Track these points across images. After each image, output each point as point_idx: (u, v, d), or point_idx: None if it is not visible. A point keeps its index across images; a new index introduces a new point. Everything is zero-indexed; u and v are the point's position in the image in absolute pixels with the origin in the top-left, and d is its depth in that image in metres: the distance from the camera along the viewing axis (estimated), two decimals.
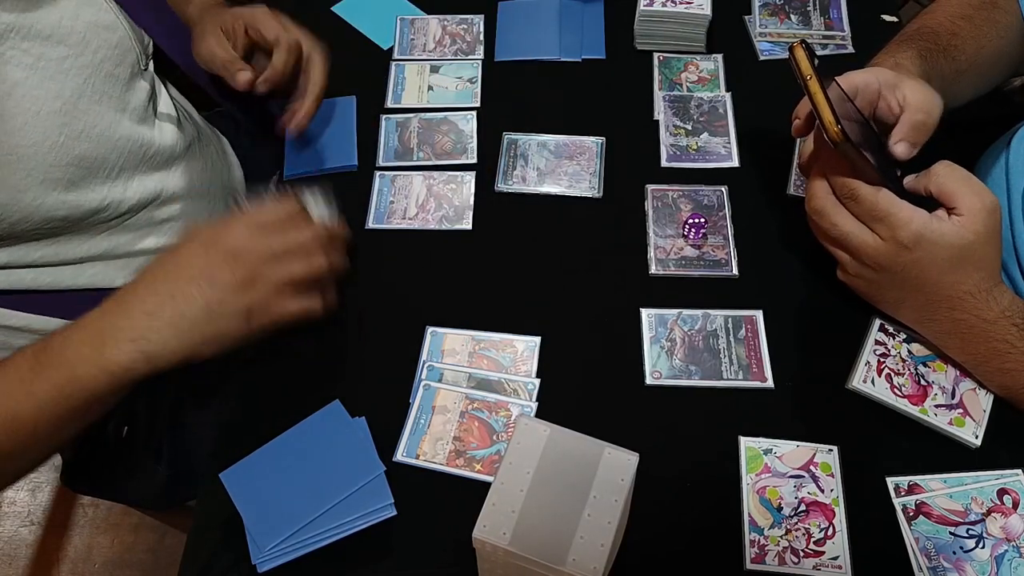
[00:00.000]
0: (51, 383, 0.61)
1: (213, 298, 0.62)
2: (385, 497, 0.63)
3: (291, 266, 0.65)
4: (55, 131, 0.71)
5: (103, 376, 0.61)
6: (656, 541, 0.65)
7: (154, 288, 0.63)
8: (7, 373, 0.61)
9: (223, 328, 0.64)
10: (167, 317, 0.62)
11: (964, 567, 0.62)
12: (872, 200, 0.64)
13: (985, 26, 0.82)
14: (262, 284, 0.64)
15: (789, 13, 0.99)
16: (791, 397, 0.72)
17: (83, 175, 0.74)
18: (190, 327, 0.62)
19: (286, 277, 0.65)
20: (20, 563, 1.49)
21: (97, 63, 0.76)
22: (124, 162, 0.78)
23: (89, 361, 0.61)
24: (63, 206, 0.72)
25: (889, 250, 0.65)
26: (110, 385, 0.62)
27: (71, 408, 0.61)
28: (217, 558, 0.65)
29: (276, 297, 0.65)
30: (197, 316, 0.62)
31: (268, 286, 0.65)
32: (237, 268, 0.63)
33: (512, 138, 0.90)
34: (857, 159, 0.63)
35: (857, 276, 0.70)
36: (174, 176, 0.85)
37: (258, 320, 0.65)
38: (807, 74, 0.63)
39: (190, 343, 0.63)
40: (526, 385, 0.72)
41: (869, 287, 0.70)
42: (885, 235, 0.65)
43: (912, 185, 0.68)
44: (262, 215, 0.67)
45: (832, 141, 0.62)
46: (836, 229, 0.67)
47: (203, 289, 0.62)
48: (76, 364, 0.61)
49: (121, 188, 0.78)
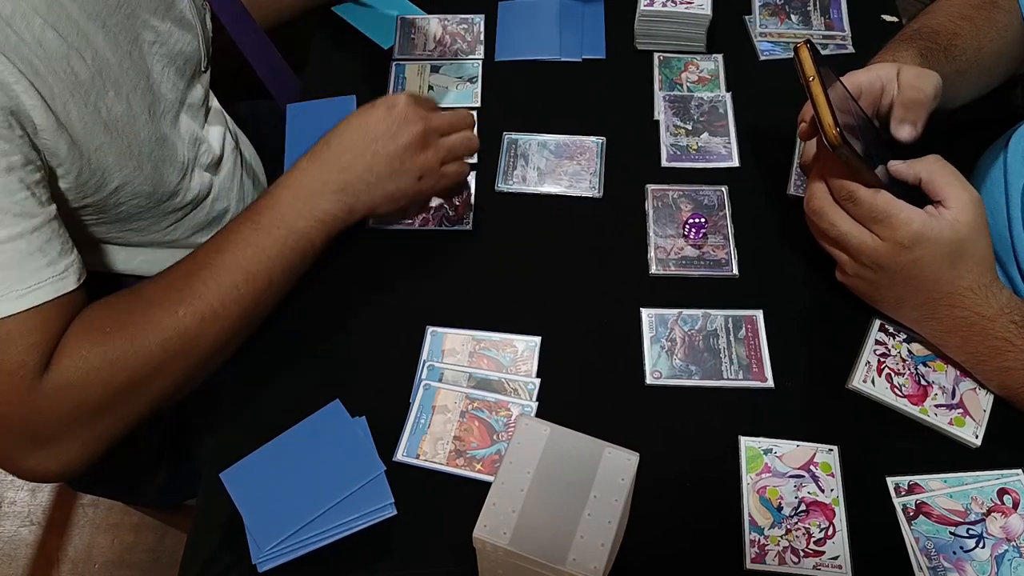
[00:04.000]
0: (274, 238, 0.70)
1: (395, 155, 0.74)
2: (385, 497, 0.63)
3: (455, 138, 0.78)
4: (145, 108, 0.74)
5: (318, 225, 0.72)
6: (656, 541, 0.65)
7: (345, 147, 0.74)
8: (232, 239, 0.70)
9: (400, 185, 0.75)
10: (359, 171, 0.73)
11: (964, 567, 0.62)
12: (870, 201, 0.65)
13: (985, 26, 0.82)
14: (432, 150, 0.76)
15: (789, 13, 0.99)
16: (791, 397, 0.72)
17: (163, 157, 0.76)
18: (376, 180, 0.74)
19: (452, 146, 0.78)
20: (20, 563, 1.49)
21: (174, 56, 0.79)
22: (188, 152, 0.81)
23: (303, 214, 0.72)
24: (149, 182, 0.75)
25: (888, 250, 0.65)
26: (322, 233, 0.73)
27: (296, 257, 0.72)
28: (217, 558, 0.65)
29: (440, 163, 0.77)
30: (382, 171, 0.74)
31: (436, 152, 0.77)
32: (414, 131, 0.75)
33: (512, 138, 0.90)
34: (855, 162, 0.63)
35: (856, 276, 0.70)
36: (222, 175, 0.87)
37: (427, 181, 0.77)
38: (810, 75, 0.63)
39: (375, 197, 0.75)
40: (526, 385, 0.72)
41: (868, 287, 0.70)
42: (884, 235, 0.65)
43: (900, 171, 0.68)
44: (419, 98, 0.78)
45: (830, 144, 0.62)
46: (835, 229, 0.68)
47: (387, 146, 0.74)
48: (293, 218, 0.71)
49: (188, 178, 0.80)
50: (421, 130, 0.75)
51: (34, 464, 0.64)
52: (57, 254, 0.62)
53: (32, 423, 0.62)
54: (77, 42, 0.66)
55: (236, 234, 0.70)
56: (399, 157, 0.74)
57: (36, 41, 0.62)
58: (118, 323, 0.65)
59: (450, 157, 0.78)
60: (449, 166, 0.78)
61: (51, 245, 0.62)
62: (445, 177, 0.79)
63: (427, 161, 0.76)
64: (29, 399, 0.61)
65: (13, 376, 0.60)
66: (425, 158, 0.76)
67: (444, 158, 0.78)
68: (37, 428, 0.63)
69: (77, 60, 0.65)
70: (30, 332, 0.60)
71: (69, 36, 0.65)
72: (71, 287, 0.63)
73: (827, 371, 0.73)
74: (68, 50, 0.65)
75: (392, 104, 0.75)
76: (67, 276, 0.63)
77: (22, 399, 0.61)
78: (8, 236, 0.59)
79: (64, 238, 0.64)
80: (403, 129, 0.74)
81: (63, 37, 0.64)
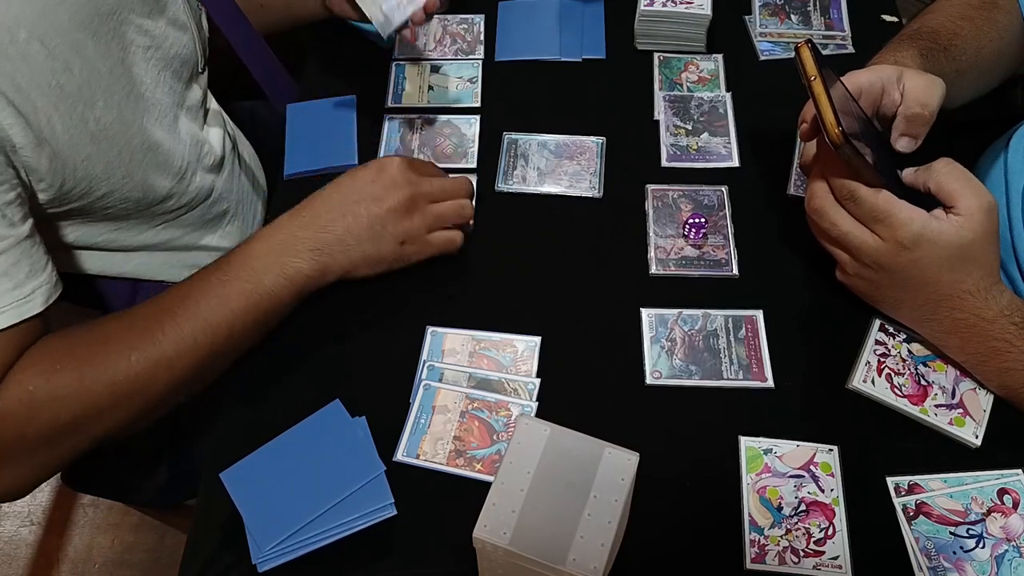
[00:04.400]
0: (239, 291, 0.69)
1: (377, 219, 0.72)
2: (385, 497, 0.63)
3: (445, 205, 0.76)
4: (139, 115, 0.74)
5: (286, 283, 0.70)
6: (656, 541, 0.65)
7: (329, 205, 0.73)
8: (198, 287, 0.69)
9: (381, 249, 0.74)
10: (338, 232, 0.72)
11: (964, 567, 0.62)
12: (872, 201, 0.65)
13: (985, 26, 0.82)
14: (418, 216, 0.74)
15: (789, 13, 0.99)
16: (791, 397, 0.72)
17: (154, 163, 0.76)
18: (355, 243, 0.72)
19: (440, 213, 0.76)
20: (20, 563, 1.49)
21: (169, 59, 0.79)
22: (187, 155, 0.80)
23: (273, 270, 0.70)
24: (140, 188, 0.74)
25: (889, 250, 0.65)
26: (290, 291, 0.71)
27: (259, 313, 0.70)
28: (217, 558, 0.65)
29: (427, 230, 0.75)
30: (361, 234, 0.72)
31: (423, 218, 0.75)
32: (400, 196, 0.73)
33: (512, 138, 0.90)
34: (857, 161, 0.63)
35: (856, 276, 0.70)
36: (222, 177, 0.87)
37: (409, 248, 0.75)
38: (812, 75, 0.63)
39: (353, 259, 0.73)
40: (526, 385, 0.72)
41: (868, 287, 0.70)
42: (885, 235, 0.65)
43: (911, 180, 0.68)
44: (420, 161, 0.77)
45: (833, 143, 0.62)
46: (836, 229, 0.67)
47: (370, 209, 0.72)
48: (262, 273, 0.70)
49: (184, 182, 0.80)
50: (408, 195, 0.73)
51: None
52: (25, 276, 0.61)
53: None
54: (65, 53, 0.65)
55: (203, 282, 0.69)
56: (381, 221, 0.73)
57: (19, 55, 0.61)
58: (71, 358, 0.64)
59: (438, 225, 0.76)
60: (437, 235, 0.76)
61: (18, 268, 0.61)
62: (430, 246, 0.76)
63: (411, 227, 0.74)
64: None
65: None
66: (410, 223, 0.74)
67: (431, 225, 0.75)
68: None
69: (63, 72, 0.65)
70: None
71: (57, 47, 0.64)
72: (36, 310, 0.62)
73: (827, 371, 0.73)
74: (54, 63, 0.64)
75: (382, 167, 0.74)
76: (33, 299, 0.62)
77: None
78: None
79: (35, 258, 0.63)
80: (389, 193, 0.73)
81: (49, 49, 0.63)
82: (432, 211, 0.75)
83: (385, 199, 0.73)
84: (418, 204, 0.74)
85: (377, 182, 0.73)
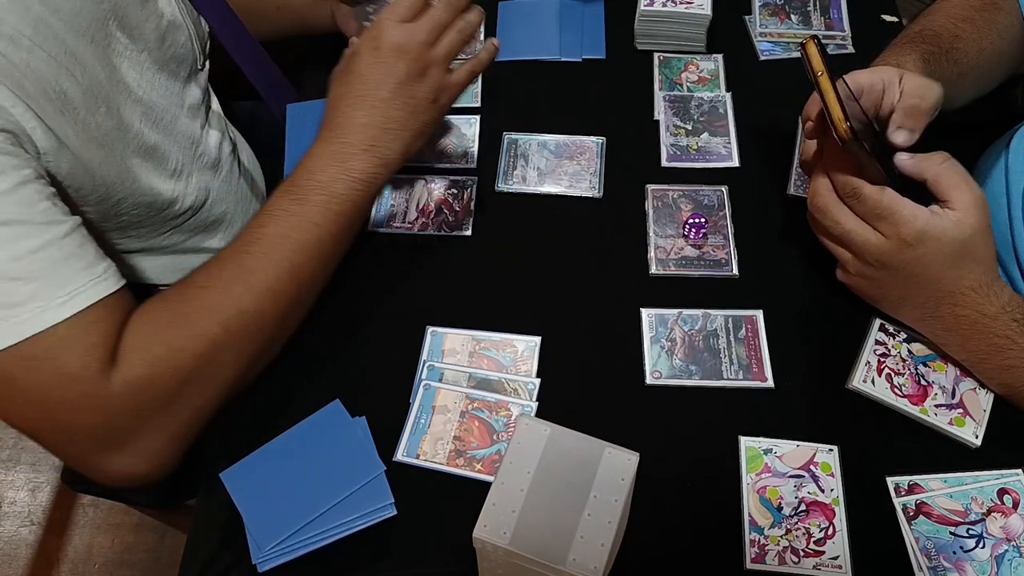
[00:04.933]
0: (317, 205, 0.69)
1: (400, 92, 0.71)
2: (385, 497, 0.63)
3: (448, 39, 0.73)
4: (137, 118, 0.74)
5: (357, 185, 0.70)
6: (656, 541, 0.65)
7: (354, 102, 0.71)
8: (274, 213, 0.69)
9: (421, 117, 0.73)
10: (379, 122, 0.71)
11: (964, 567, 0.62)
12: (876, 198, 0.65)
13: (986, 28, 0.82)
14: (434, 67, 0.73)
15: (789, 13, 0.99)
16: (791, 397, 0.72)
17: (156, 165, 0.76)
18: (399, 125, 0.71)
19: (449, 51, 0.73)
20: (20, 563, 1.49)
21: (166, 60, 0.79)
22: (184, 158, 0.80)
23: (339, 178, 0.70)
24: (150, 192, 0.74)
25: (892, 247, 0.65)
26: (363, 193, 0.71)
27: (341, 220, 0.70)
28: (217, 558, 0.65)
29: (445, 72, 0.74)
30: (398, 115, 0.71)
31: (439, 67, 0.73)
32: (409, 61, 0.71)
33: (512, 138, 0.90)
34: (863, 157, 0.63)
35: (858, 275, 0.70)
36: (219, 179, 0.87)
37: (443, 98, 0.74)
38: (819, 70, 0.63)
39: (403, 141, 0.72)
40: (526, 385, 0.72)
41: (871, 286, 0.70)
42: (888, 233, 0.65)
43: (909, 167, 0.68)
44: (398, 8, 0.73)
45: (840, 139, 0.62)
46: (838, 227, 0.68)
47: (391, 88, 0.71)
48: (330, 183, 0.70)
49: (183, 185, 0.80)
50: (414, 56, 0.71)
51: (121, 467, 0.64)
52: (93, 258, 0.62)
53: (109, 425, 0.62)
54: (66, 61, 0.65)
55: (277, 207, 0.69)
56: (408, 93, 0.72)
57: (25, 64, 0.61)
58: (176, 312, 0.65)
59: (452, 57, 0.74)
60: (458, 72, 0.75)
61: (85, 249, 0.61)
62: (459, 83, 0.75)
63: (433, 81, 0.73)
64: (101, 401, 0.61)
65: (79, 380, 0.60)
66: (431, 79, 0.73)
67: (446, 66, 0.74)
68: (115, 429, 0.62)
69: (68, 80, 0.65)
70: (84, 335, 0.60)
71: (58, 56, 0.64)
72: (113, 288, 0.62)
73: (827, 371, 0.73)
74: (58, 70, 0.64)
75: (374, 44, 0.72)
76: (107, 278, 0.62)
77: (94, 402, 0.60)
78: (39, 245, 0.58)
79: (95, 244, 0.63)
80: (396, 65, 0.71)
81: (52, 57, 0.63)
82: (440, 54, 0.73)
83: (396, 72, 0.71)
84: (424, 55, 0.72)
85: (379, 60, 0.71)
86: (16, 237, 0.57)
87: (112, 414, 0.61)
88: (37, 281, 0.58)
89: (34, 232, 0.58)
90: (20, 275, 0.57)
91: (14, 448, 1.61)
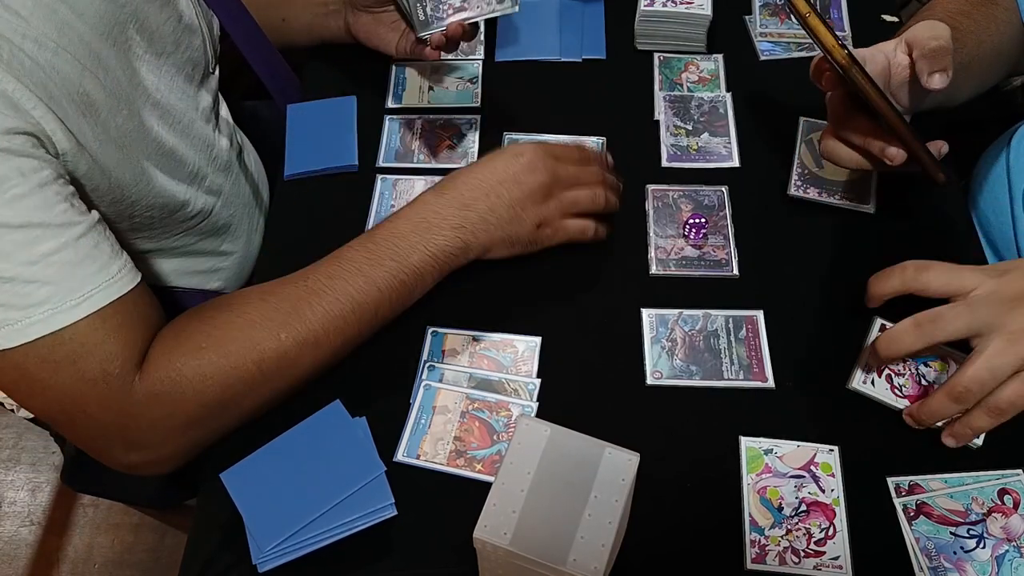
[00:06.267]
0: (387, 270, 0.70)
1: (517, 200, 0.73)
2: (385, 497, 0.63)
3: (580, 192, 0.77)
4: (155, 121, 0.74)
5: (431, 260, 0.71)
6: (656, 541, 0.65)
7: (471, 184, 0.73)
8: (345, 267, 0.70)
9: (518, 231, 0.74)
10: (480, 211, 0.72)
11: (965, 567, 0.62)
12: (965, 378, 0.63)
13: (985, 22, 0.82)
14: (555, 201, 0.75)
15: (789, 13, 0.99)
16: (792, 397, 0.72)
17: (172, 168, 0.76)
18: (496, 222, 0.73)
19: (575, 201, 0.76)
20: (20, 563, 1.49)
21: (182, 63, 0.79)
22: (199, 161, 0.80)
23: (419, 248, 0.71)
24: (163, 194, 0.75)
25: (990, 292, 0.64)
26: (434, 269, 0.72)
27: (404, 290, 0.71)
28: (217, 558, 0.65)
29: (562, 215, 0.76)
30: (503, 214, 0.73)
31: (559, 203, 0.76)
32: (539, 179, 0.74)
33: (512, 138, 0.90)
34: (866, 83, 0.63)
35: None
36: (229, 181, 0.87)
37: (544, 231, 0.76)
38: (805, 12, 0.64)
39: (491, 238, 0.73)
40: (526, 385, 0.72)
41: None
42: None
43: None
44: (559, 146, 0.78)
45: (840, 66, 0.61)
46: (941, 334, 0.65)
47: (511, 190, 0.73)
48: (408, 252, 0.71)
49: (196, 187, 0.80)
50: (546, 179, 0.74)
51: (133, 460, 0.66)
52: (108, 258, 0.62)
53: (127, 428, 0.63)
54: (90, 63, 0.65)
55: (350, 262, 0.70)
56: (521, 203, 0.73)
57: (50, 65, 0.61)
58: (213, 339, 0.65)
59: (572, 211, 0.77)
60: (572, 221, 0.77)
61: (99, 250, 0.62)
62: (564, 231, 0.77)
63: (548, 211, 0.75)
64: (122, 406, 0.62)
65: (99, 384, 0.61)
66: (547, 208, 0.75)
67: (566, 210, 0.76)
68: (131, 433, 0.64)
69: (91, 82, 0.65)
70: (103, 341, 0.61)
71: (82, 58, 0.64)
72: (128, 288, 0.63)
73: (827, 371, 0.73)
74: (82, 72, 0.64)
75: (519, 152, 0.75)
76: (121, 278, 0.63)
77: (115, 406, 0.62)
78: (56, 247, 0.59)
79: (112, 241, 0.64)
80: (529, 176, 0.74)
81: (77, 59, 0.64)
82: (567, 197, 0.76)
83: (525, 181, 0.73)
84: (555, 189, 0.75)
85: (517, 165, 0.74)
86: (34, 240, 0.58)
87: (130, 418, 0.63)
88: (52, 284, 0.59)
89: (51, 234, 0.59)
90: (36, 278, 0.58)
91: (14, 448, 1.61)
